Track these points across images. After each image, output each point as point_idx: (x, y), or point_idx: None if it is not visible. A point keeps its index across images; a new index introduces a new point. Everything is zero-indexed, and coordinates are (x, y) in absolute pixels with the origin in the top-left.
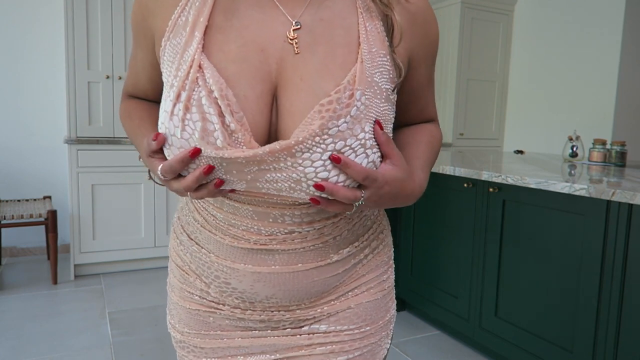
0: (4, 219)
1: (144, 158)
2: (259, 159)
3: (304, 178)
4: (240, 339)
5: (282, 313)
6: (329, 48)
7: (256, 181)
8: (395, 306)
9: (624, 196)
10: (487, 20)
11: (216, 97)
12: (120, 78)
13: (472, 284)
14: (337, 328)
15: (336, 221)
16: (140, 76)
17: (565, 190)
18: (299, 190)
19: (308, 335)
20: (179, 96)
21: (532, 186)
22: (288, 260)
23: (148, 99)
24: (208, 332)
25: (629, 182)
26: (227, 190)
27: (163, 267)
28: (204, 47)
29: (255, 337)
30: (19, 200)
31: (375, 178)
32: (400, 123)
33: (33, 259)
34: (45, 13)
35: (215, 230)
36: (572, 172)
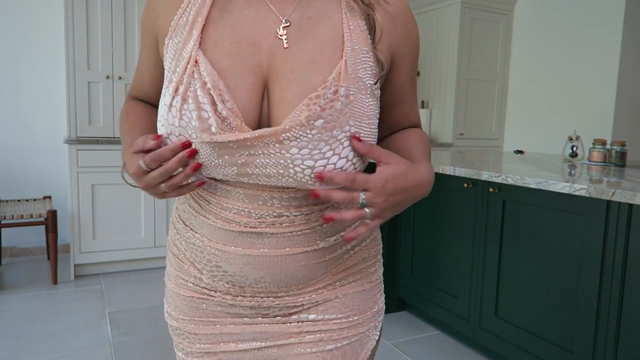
0: (4, 219)
1: (127, 154)
2: (249, 144)
3: (291, 165)
4: (232, 326)
5: (271, 299)
6: (316, 44)
7: (246, 166)
8: (383, 300)
9: (624, 196)
10: (487, 20)
11: (209, 88)
12: (120, 78)
13: (472, 284)
14: (326, 317)
15: (323, 208)
16: (144, 76)
17: (565, 190)
18: (287, 176)
19: (297, 323)
20: (177, 89)
21: (532, 186)
22: (276, 243)
23: (150, 101)
24: (201, 319)
25: (629, 182)
26: (199, 182)
27: (163, 267)
28: (201, 44)
29: (246, 324)
30: (19, 200)
31: (366, 179)
32: (388, 127)
33: (33, 259)
34: (45, 13)
35: (208, 214)
36: (572, 172)
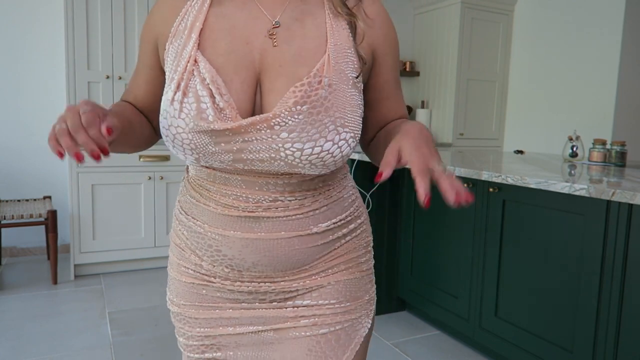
0: (4, 219)
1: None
2: (243, 130)
3: (282, 148)
4: (230, 311)
5: (268, 284)
6: (303, 41)
7: (241, 152)
8: (375, 290)
9: (624, 196)
10: (487, 20)
11: (208, 83)
12: (120, 78)
13: (472, 284)
14: (319, 302)
15: (316, 194)
16: (139, 77)
17: (565, 190)
18: (279, 159)
19: (293, 308)
20: (179, 86)
21: (532, 186)
22: (272, 227)
23: (139, 104)
24: (202, 304)
25: (629, 182)
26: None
27: (163, 267)
28: (199, 45)
29: (244, 309)
30: (19, 200)
31: (400, 143)
32: (377, 122)
33: (33, 259)
34: (45, 13)
35: (208, 202)
36: (572, 172)
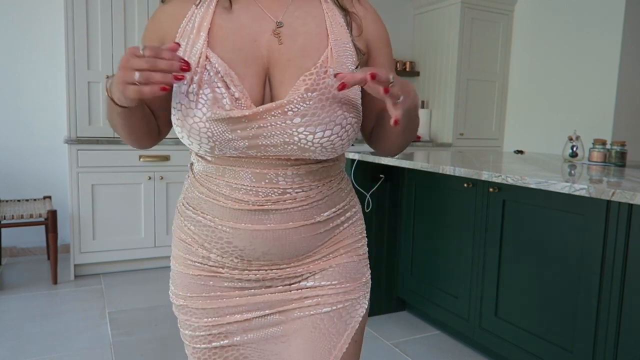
0: (4, 219)
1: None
2: (259, 117)
3: (295, 132)
4: (238, 299)
5: (275, 271)
6: (306, 37)
7: (256, 138)
8: (369, 273)
9: (624, 196)
10: (487, 20)
11: (222, 76)
12: None
13: (472, 284)
14: (322, 283)
15: (320, 185)
16: None
17: (565, 190)
18: (292, 144)
19: (297, 290)
20: (192, 79)
21: (532, 186)
22: (281, 219)
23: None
24: (209, 294)
25: (629, 182)
26: (163, 87)
27: (163, 267)
28: (208, 43)
29: (251, 296)
30: (19, 200)
31: (380, 71)
32: (374, 115)
33: (33, 259)
34: (45, 13)
35: (218, 196)
36: (572, 172)
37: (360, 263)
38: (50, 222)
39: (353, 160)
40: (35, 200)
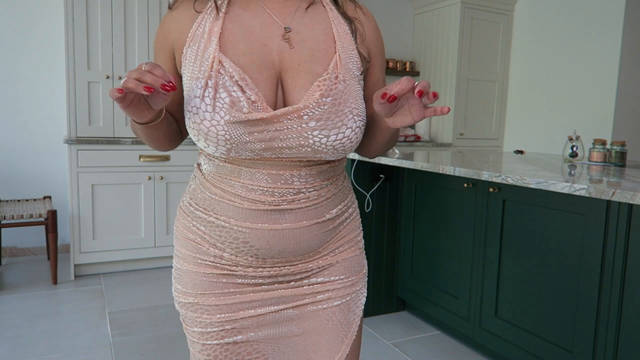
0: (4, 219)
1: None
2: (276, 120)
3: (310, 135)
4: (251, 294)
5: (288, 267)
6: (314, 42)
7: (273, 141)
8: (366, 264)
9: (624, 196)
10: (487, 20)
11: (237, 80)
12: (120, 78)
13: (472, 284)
14: (331, 279)
15: (329, 184)
16: None
17: (565, 190)
18: (306, 146)
19: (309, 286)
20: (207, 84)
21: (532, 186)
22: (295, 218)
23: None
24: (222, 291)
25: (629, 182)
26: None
27: (163, 267)
28: (220, 48)
29: (264, 291)
30: (19, 200)
31: (400, 83)
32: (369, 114)
33: (33, 259)
34: (45, 13)
35: (233, 197)
36: (572, 172)
37: (360, 255)
38: (50, 222)
39: (353, 160)
40: (35, 200)
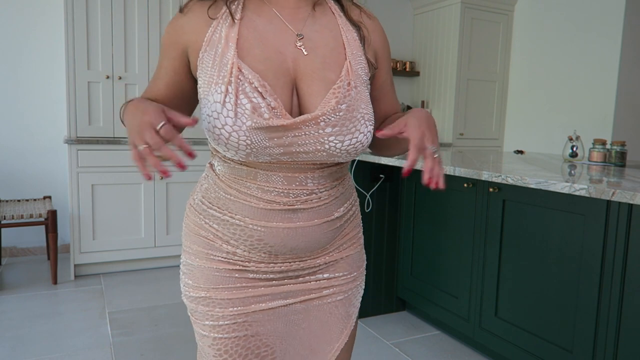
0: (4, 219)
1: (148, 103)
2: (294, 127)
3: (327, 141)
4: (263, 288)
5: (298, 263)
6: (325, 49)
7: (291, 146)
8: (365, 258)
9: (624, 196)
10: (487, 20)
11: (256, 86)
12: (120, 78)
13: (472, 284)
14: (335, 275)
15: (337, 184)
16: (159, 81)
17: (565, 190)
18: (322, 151)
19: (316, 282)
20: (227, 90)
21: (532, 186)
22: (308, 217)
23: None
24: (235, 285)
25: (629, 182)
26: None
27: (163, 267)
28: (237, 54)
29: (274, 286)
30: (19, 200)
31: (404, 124)
32: (377, 117)
33: (33, 259)
34: (45, 13)
35: (249, 198)
36: (572, 172)
37: (361, 251)
38: (50, 222)
39: (353, 160)
40: (35, 200)
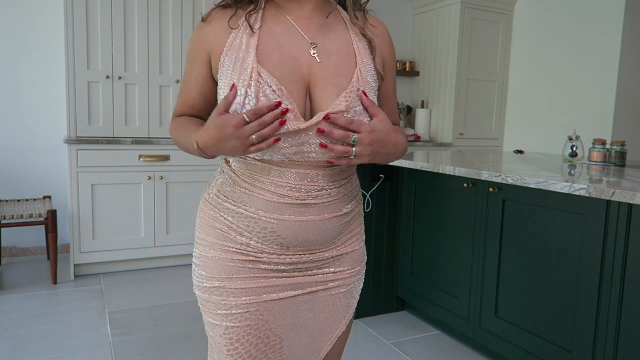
0: (4, 219)
1: (213, 121)
2: (309, 129)
3: (335, 141)
4: (274, 279)
5: (308, 256)
6: (338, 57)
7: (303, 145)
8: (366, 253)
9: (624, 196)
10: (487, 20)
11: (274, 90)
12: (120, 78)
13: (472, 284)
14: (341, 269)
15: (346, 182)
16: (192, 91)
17: (565, 190)
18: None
19: (323, 275)
20: (247, 92)
21: (532, 186)
22: (318, 211)
23: (195, 115)
24: (248, 275)
25: (629, 182)
26: (276, 139)
27: (163, 267)
28: (257, 59)
29: (285, 278)
30: (19, 200)
31: (360, 124)
32: None
33: (33, 259)
34: (45, 13)
35: (263, 192)
36: (572, 172)
37: (363, 247)
38: (50, 222)
39: None
40: (35, 200)
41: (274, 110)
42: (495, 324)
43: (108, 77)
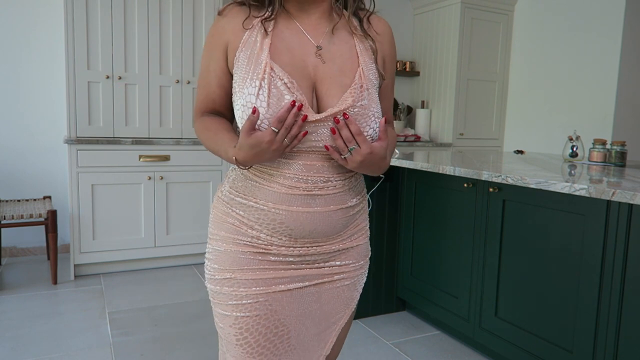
0: (4, 219)
1: (243, 140)
2: (317, 121)
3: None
4: (283, 271)
5: (315, 248)
6: (342, 59)
7: (311, 135)
8: (370, 249)
9: (624, 196)
10: (487, 20)
11: (285, 82)
12: (120, 78)
13: (472, 284)
14: (346, 262)
15: (349, 176)
16: (212, 85)
17: (565, 190)
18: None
19: (329, 267)
20: (261, 85)
21: (532, 186)
22: (325, 202)
23: (218, 109)
24: (258, 267)
25: (629, 182)
26: (304, 133)
27: (163, 267)
28: (270, 56)
29: (293, 270)
30: (19, 200)
31: (364, 140)
32: None
33: (33, 259)
34: (45, 13)
35: (272, 184)
36: (572, 172)
37: (368, 242)
38: (50, 222)
39: None
40: (35, 200)
41: (291, 109)
42: (495, 324)
43: (108, 77)
